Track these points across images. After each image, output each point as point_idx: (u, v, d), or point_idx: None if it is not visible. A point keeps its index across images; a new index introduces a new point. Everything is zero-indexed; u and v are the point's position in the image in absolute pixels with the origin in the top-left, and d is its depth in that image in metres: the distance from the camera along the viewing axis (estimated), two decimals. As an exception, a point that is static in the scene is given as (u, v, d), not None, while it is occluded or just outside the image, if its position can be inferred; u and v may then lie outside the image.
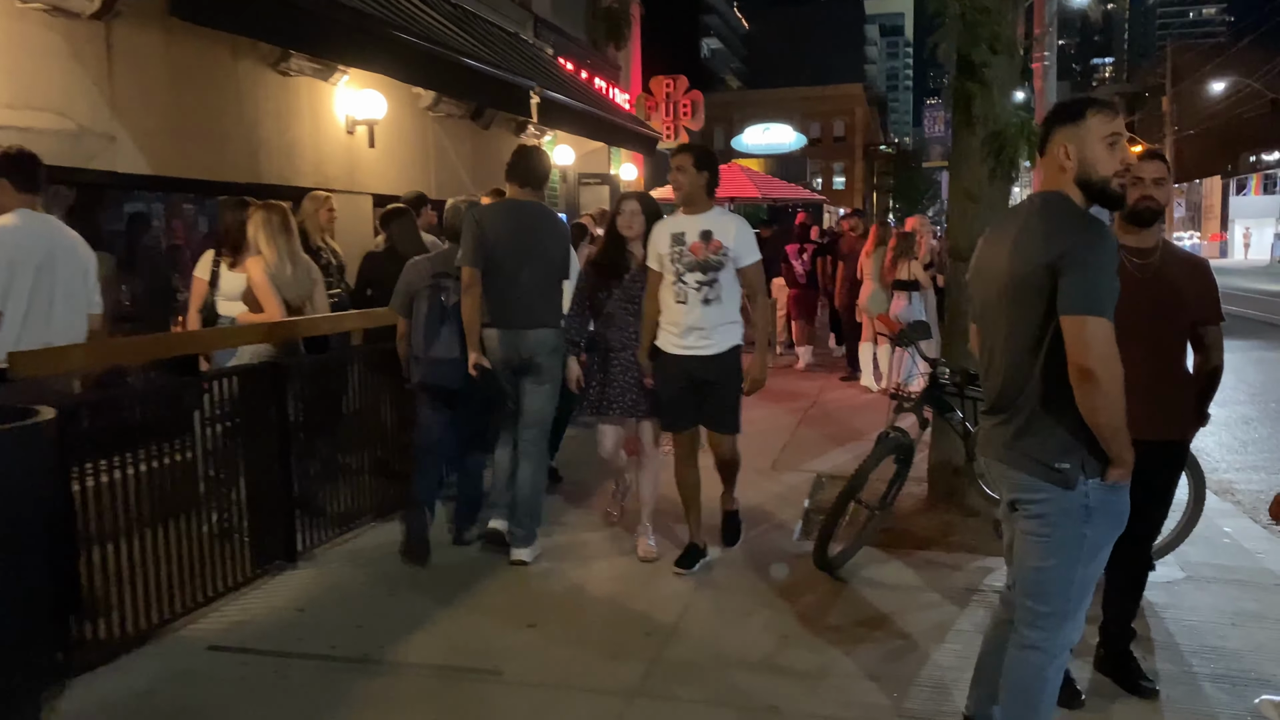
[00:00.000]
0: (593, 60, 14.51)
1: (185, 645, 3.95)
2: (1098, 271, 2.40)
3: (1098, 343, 2.37)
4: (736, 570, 4.77)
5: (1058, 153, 2.56)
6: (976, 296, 2.76)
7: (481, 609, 4.33)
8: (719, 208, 4.67)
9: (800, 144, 35.95)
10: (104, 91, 5.49)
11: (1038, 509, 2.56)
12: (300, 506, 4.99)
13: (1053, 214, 2.53)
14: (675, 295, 4.51)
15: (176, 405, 4.43)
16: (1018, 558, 2.67)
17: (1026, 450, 2.56)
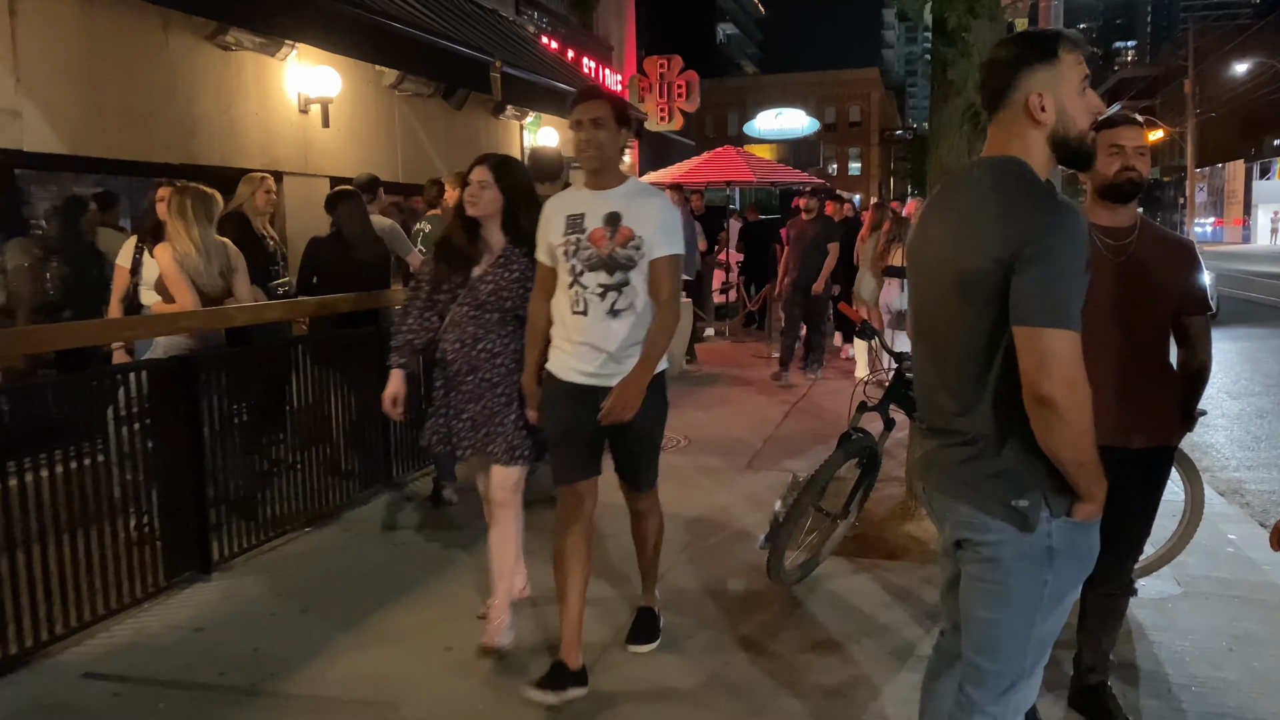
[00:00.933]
0: (582, 40, 14.05)
1: (59, 672, 3.59)
2: (1063, 270, 1.86)
3: (1059, 363, 1.84)
4: (685, 583, 4.35)
5: (1031, 103, 1.99)
6: (914, 290, 2.23)
7: (397, 627, 3.94)
8: (635, 181, 3.39)
9: (813, 129, 35.33)
10: (6, 63, 5.10)
11: (990, 551, 2.05)
12: (238, 512, 4.66)
13: (1010, 191, 1.97)
14: (571, 303, 3.26)
15: (70, 403, 4.05)
16: (964, 606, 2.17)
17: (976, 482, 2.04)
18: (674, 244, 3.27)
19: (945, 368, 2.07)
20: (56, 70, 5.38)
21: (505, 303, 3.55)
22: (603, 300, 3.23)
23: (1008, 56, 2.03)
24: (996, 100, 2.04)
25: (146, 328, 4.43)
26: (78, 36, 5.53)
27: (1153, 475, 3.01)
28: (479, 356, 3.58)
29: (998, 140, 2.06)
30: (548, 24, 13.00)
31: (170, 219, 4.62)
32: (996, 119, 2.05)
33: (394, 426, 5.81)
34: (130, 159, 5.91)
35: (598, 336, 3.25)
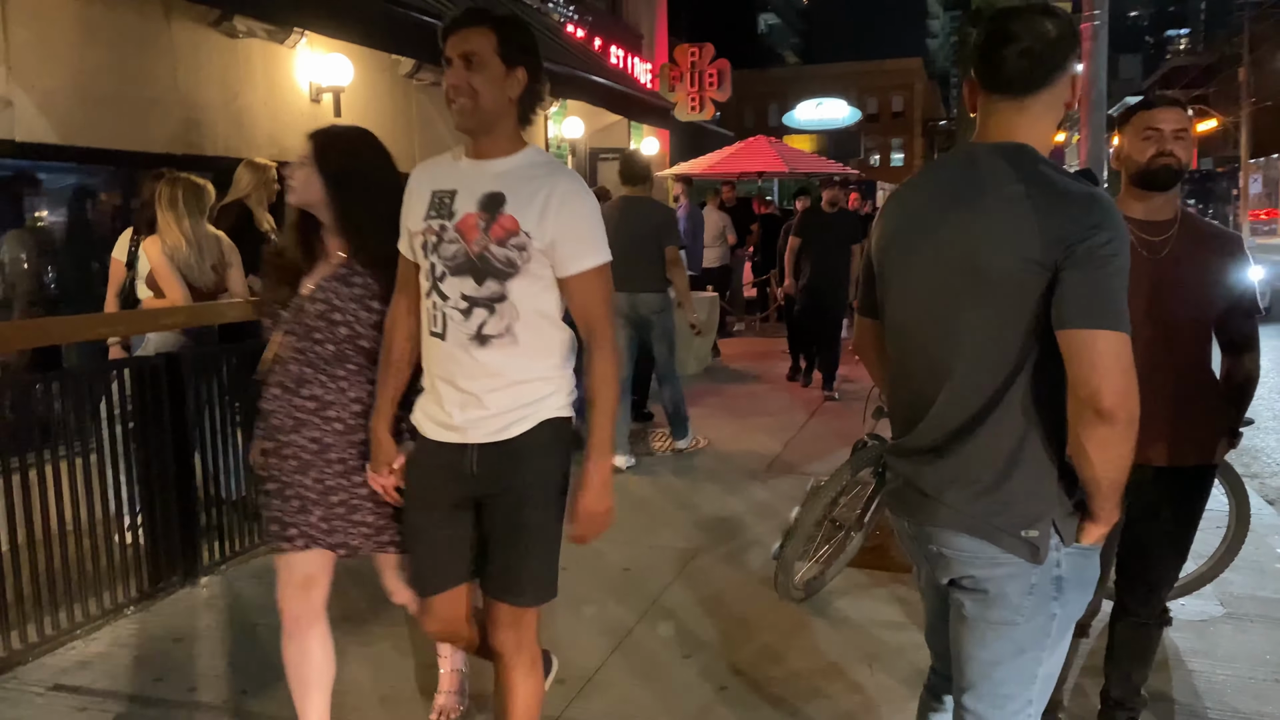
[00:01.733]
0: (610, 28, 13.80)
1: (29, 682, 3.44)
2: (1116, 269, 1.66)
3: (1118, 370, 1.63)
4: (687, 598, 4.12)
5: (1077, 84, 1.83)
6: (898, 292, 1.93)
7: (384, 642, 3.75)
8: (535, 151, 2.32)
9: (854, 119, 35.03)
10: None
11: (996, 589, 1.81)
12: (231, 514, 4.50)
13: (1044, 182, 1.72)
14: (428, 319, 2.29)
15: (45, 402, 3.90)
16: (960, 648, 1.92)
17: (980, 512, 1.79)
18: (596, 249, 2.24)
19: (944, 381, 1.81)
20: (50, 58, 5.25)
21: (339, 329, 2.48)
22: (466, 319, 2.20)
23: (1064, 34, 1.79)
24: (1044, 79, 1.79)
25: (125, 324, 4.28)
26: (73, 23, 5.40)
27: (1190, 495, 2.72)
28: (305, 407, 2.53)
29: (1015, 123, 1.81)
30: (574, 12, 12.77)
31: (160, 211, 4.47)
32: (1027, 100, 1.80)
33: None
34: (128, 149, 5.77)
35: (456, 371, 2.23)
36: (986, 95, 1.83)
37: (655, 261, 6.00)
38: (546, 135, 11.64)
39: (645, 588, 4.19)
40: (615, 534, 4.77)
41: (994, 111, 1.83)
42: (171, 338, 4.50)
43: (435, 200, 2.25)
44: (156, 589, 4.14)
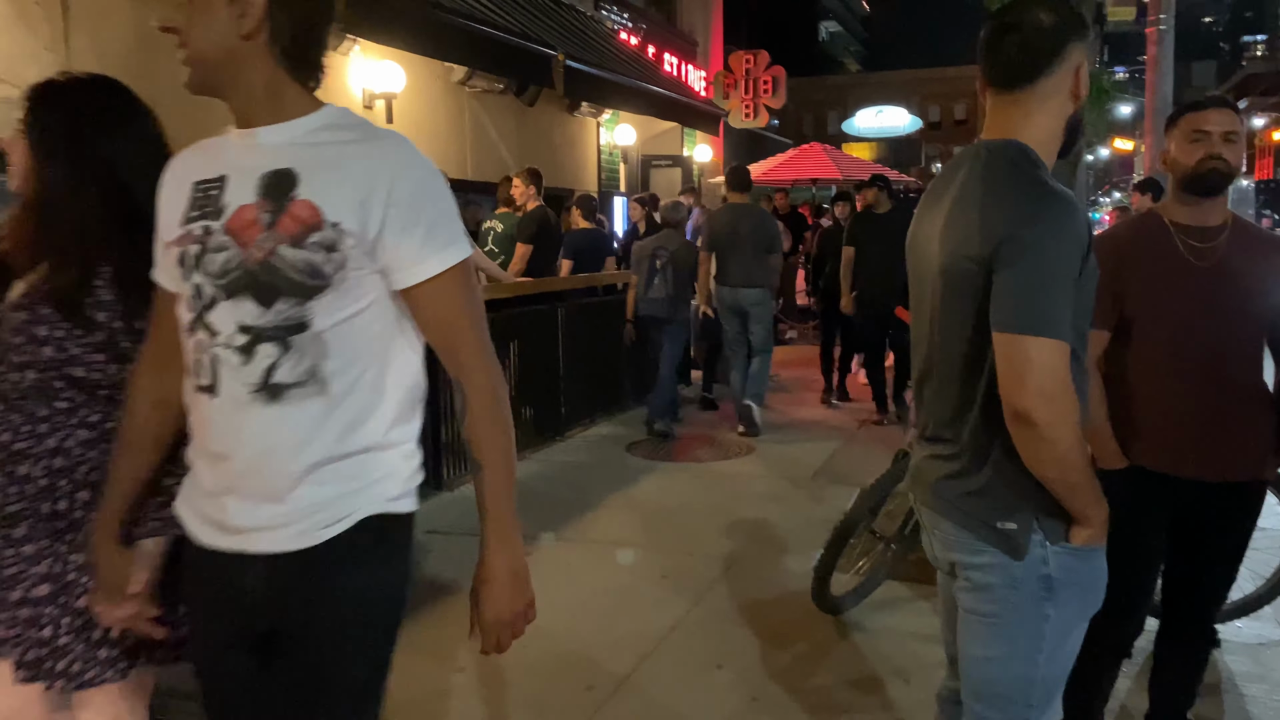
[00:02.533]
0: (664, 36, 13.79)
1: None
2: (1047, 270, 1.63)
3: (1037, 374, 1.61)
4: (725, 604, 4.07)
5: (1074, 79, 1.78)
6: (910, 286, 1.99)
7: (416, 642, 3.75)
8: (337, 112, 1.58)
9: (915, 127, 34.67)
10: (58, 57, 5.11)
11: (980, 578, 1.81)
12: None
13: (998, 179, 1.73)
14: (193, 368, 1.55)
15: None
16: (960, 644, 1.92)
17: (961, 500, 1.81)
18: (452, 241, 1.53)
19: (934, 370, 1.87)
20: (108, 64, 5.36)
21: (43, 350, 1.77)
22: (246, 362, 1.48)
23: (1055, 22, 1.77)
24: (1036, 70, 1.77)
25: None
26: (130, 30, 5.52)
27: (1239, 513, 2.61)
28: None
29: (1012, 118, 1.80)
30: (628, 19, 12.79)
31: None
32: (1023, 92, 1.78)
33: (444, 426, 5.67)
34: (183, 154, 5.89)
35: (233, 443, 1.51)
36: (989, 91, 1.83)
37: (759, 261, 6.92)
38: (599, 142, 11.68)
39: (681, 594, 4.16)
40: (653, 538, 4.79)
41: (993, 107, 1.83)
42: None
43: (198, 195, 1.53)
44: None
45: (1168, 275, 2.49)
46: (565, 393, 7.00)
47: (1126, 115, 34.16)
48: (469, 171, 8.77)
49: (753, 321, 7.07)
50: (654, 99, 10.48)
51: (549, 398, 6.87)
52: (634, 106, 10.39)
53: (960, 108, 58.30)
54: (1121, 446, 2.54)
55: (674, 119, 11.73)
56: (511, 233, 7.15)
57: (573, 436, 7.07)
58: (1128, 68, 49.41)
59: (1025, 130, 1.78)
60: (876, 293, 7.22)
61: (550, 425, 6.85)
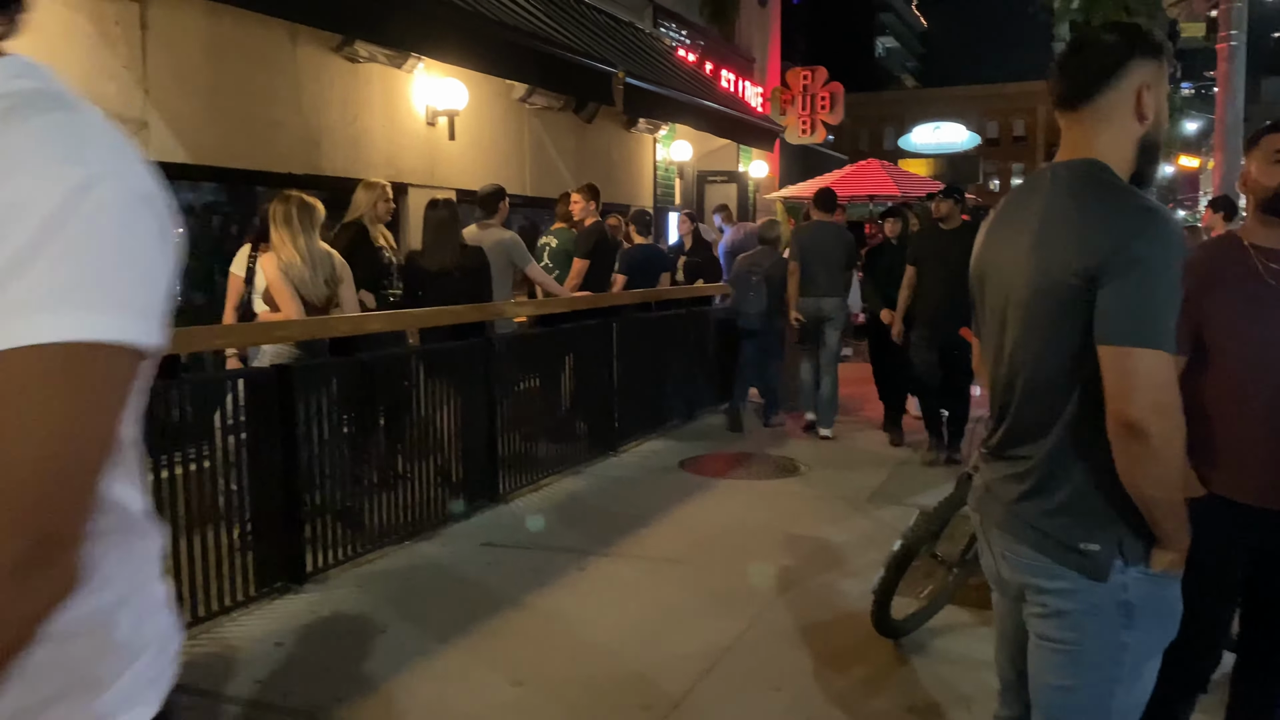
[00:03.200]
0: (722, 52, 13.80)
1: (136, 679, 3.56)
2: (1158, 284, 1.63)
3: (1150, 385, 1.60)
4: (783, 624, 4.03)
5: (1136, 98, 1.76)
6: (982, 302, 1.98)
7: (472, 654, 3.78)
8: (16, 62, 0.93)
9: (973, 143, 34.32)
10: (135, 74, 5.25)
11: (1057, 604, 1.78)
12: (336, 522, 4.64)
13: (1095, 195, 1.72)
14: None
15: (161, 409, 4.07)
16: (1032, 673, 1.88)
17: (1040, 521, 1.78)
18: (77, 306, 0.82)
19: (1014, 389, 1.84)
20: (183, 81, 5.53)
21: None
22: None
23: (1115, 41, 1.79)
24: (1093, 87, 1.78)
25: (239, 336, 4.44)
26: (205, 48, 5.67)
27: (1322, 544, 2.52)
28: None
29: (1080, 136, 1.82)
30: (686, 36, 12.83)
31: (274, 228, 4.64)
32: (1085, 109, 1.80)
33: (502, 439, 5.72)
34: (252, 169, 6.02)
35: None
36: (1058, 112, 1.85)
37: (838, 274, 7.51)
38: (655, 158, 11.71)
39: (737, 613, 4.12)
40: (711, 557, 4.76)
41: (1064, 128, 1.85)
42: (285, 350, 4.65)
43: None
44: (261, 593, 4.26)
45: (1247, 299, 2.43)
46: (619, 407, 7.01)
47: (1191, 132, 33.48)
48: (528, 187, 8.86)
49: (829, 327, 7.60)
50: (711, 115, 10.49)
51: (603, 412, 6.88)
52: (691, 123, 10.40)
53: (1019, 124, 57.68)
54: (1198, 475, 2.47)
55: (731, 136, 11.74)
56: (568, 248, 7.20)
57: (626, 451, 7.07)
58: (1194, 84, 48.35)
59: (1092, 148, 1.79)
60: (940, 318, 6.39)
61: (604, 440, 6.87)
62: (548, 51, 7.30)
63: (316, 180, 6.28)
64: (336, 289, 4.83)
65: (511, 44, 6.94)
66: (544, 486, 6.10)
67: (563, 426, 6.56)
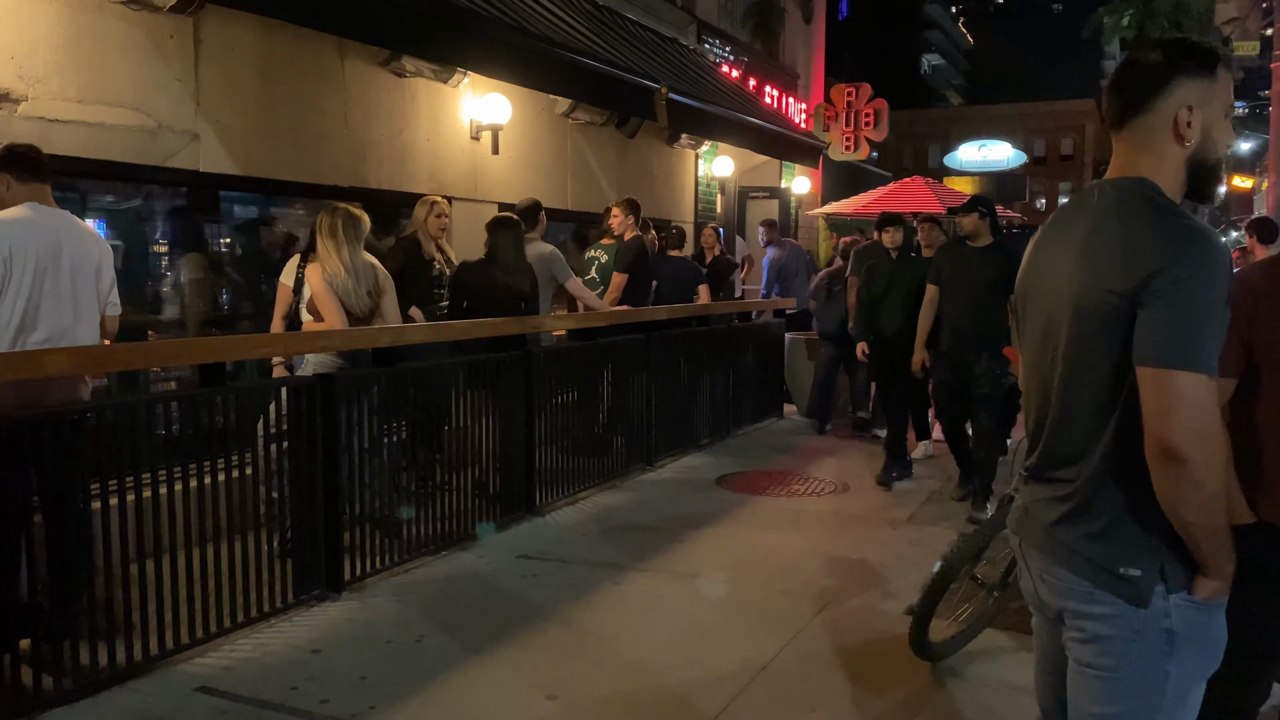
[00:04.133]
0: (766, 68, 13.80)
1: (176, 683, 3.61)
2: (1197, 304, 1.60)
3: (1190, 410, 1.58)
4: (820, 645, 3.99)
5: (1180, 117, 1.74)
6: (1025, 320, 1.96)
7: (507, 666, 3.78)
8: None
9: (1019, 161, 33.91)
10: (188, 87, 5.35)
11: (1096, 629, 1.75)
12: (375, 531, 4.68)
13: (1138, 214, 1.70)
14: None
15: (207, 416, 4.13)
16: (1073, 701, 1.84)
17: (1079, 544, 1.75)
18: None
19: (1055, 410, 1.82)
20: (234, 95, 5.63)
21: None
22: None
23: (1159, 59, 1.77)
24: (1135, 107, 1.78)
25: (284, 345, 4.50)
26: (256, 62, 5.77)
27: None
28: None
29: (1126, 156, 1.81)
30: (730, 52, 12.84)
31: (320, 239, 4.70)
32: (1127, 130, 1.80)
33: (539, 452, 5.73)
34: (300, 180, 6.11)
35: None
36: (1109, 130, 1.85)
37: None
38: (696, 174, 11.72)
39: (773, 632, 4.09)
40: (749, 575, 4.72)
41: (1114, 146, 1.84)
42: (329, 359, 4.71)
43: None
44: (300, 600, 4.30)
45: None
46: (656, 422, 7.00)
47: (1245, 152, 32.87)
48: (569, 202, 8.90)
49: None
50: (753, 131, 10.48)
51: (640, 426, 6.87)
52: (734, 140, 10.40)
53: (1067, 142, 57.06)
54: (1248, 500, 2.41)
55: (773, 153, 11.72)
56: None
57: (663, 466, 7.06)
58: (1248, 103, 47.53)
59: (1140, 168, 1.77)
60: (960, 340, 5.87)
61: (641, 454, 6.86)
62: (591, 67, 7.34)
63: (362, 193, 6.36)
64: (379, 300, 4.87)
65: (555, 59, 6.99)
66: (581, 500, 6.10)
67: (600, 440, 6.57)
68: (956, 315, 5.94)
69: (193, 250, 5.65)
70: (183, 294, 5.62)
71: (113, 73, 5.01)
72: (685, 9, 11.69)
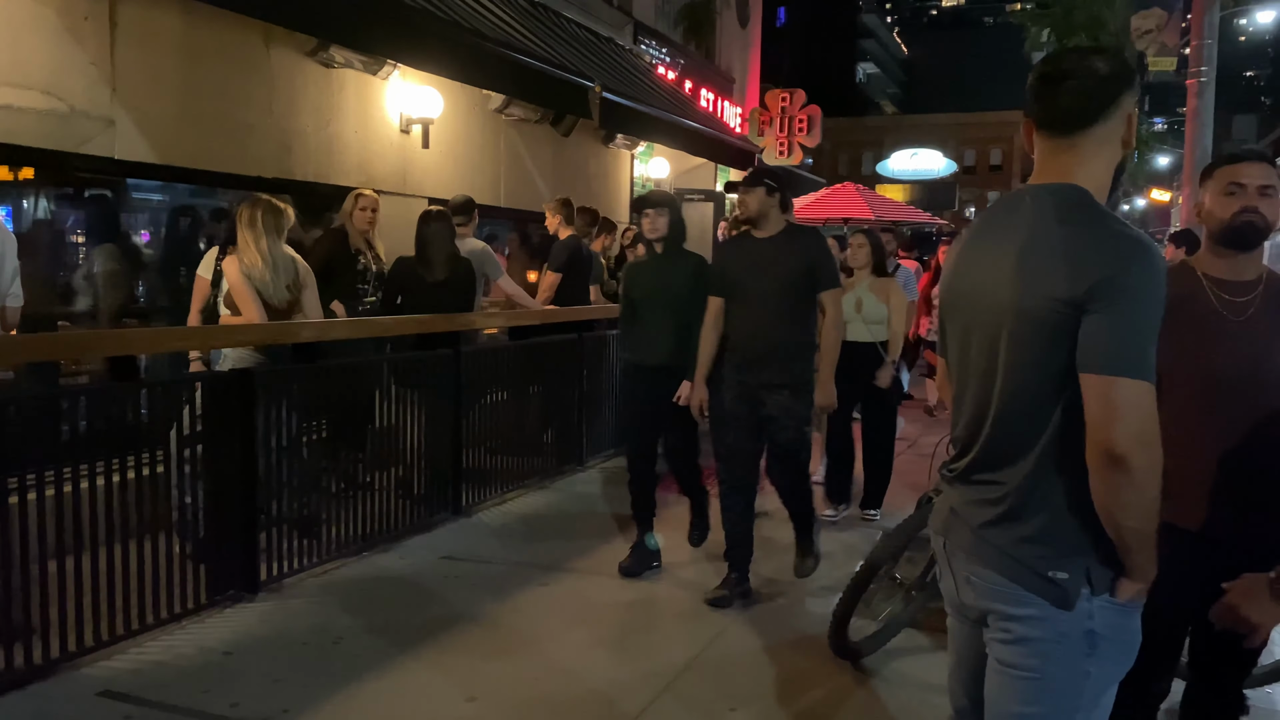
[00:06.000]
0: (702, 71, 13.86)
1: (78, 687, 3.49)
2: (1143, 314, 1.64)
3: (1135, 417, 1.60)
4: (739, 646, 4.00)
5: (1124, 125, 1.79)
6: (951, 323, 1.95)
7: (427, 667, 3.72)
8: None
9: (949, 170, 34.63)
10: (103, 71, 5.18)
11: (1022, 630, 1.76)
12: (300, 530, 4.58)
13: (1081, 222, 1.71)
14: None
15: (118, 411, 3.99)
16: (992, 701, 1.85)
17: (1011, 546, 1.75)
18: None
19: (987, 414, 1.81)
20: (153, 80, 5.46)
21: None
22: None
23: (1111, 71, 1.79)
24: (1091, 117, 1.78)
25: (200, 339, 4.38)
26: (177, 48, 5.60)
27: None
28: None
29: (1064, 163, 1.80)
30: (666, 54, 12.87)
31: (240, 231, 4.58)
32: (1078, 137, 1.79)
33: (467, 452, 5.67)
34: (222, 171, 5.95)
35: None
36: (1039, 135, 1.83)
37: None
38: (632, 174, 11.72)
39: (697, 632, 4.09)
40: (671, 573, 4.71)
41: (1046, 151, 1.82)
42: (247, 355, 4.59)
43: None
44: (214, 601, 4.18)
45: (1201, 329, 2.44)
46: (589, 422, 6.97)
47: (1164, 167, 33.95)
48: (502, 199, 8.84)
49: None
50: (688, 134, 10.51)
51: (571, 427, 6.84)
52: (668, 141, 10.42)
53: (996, 153, 58.27)
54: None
55: (708, 155, 11.76)
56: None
57: (594, 467, 7.03)
58: (1166, 119, 48.94)
59: (1079, 175, 1.78)
60: (754, 356, 4.36)
61: (573, 454, 6.82)
62: (524, 63, 7.28)
63: (288, 185, 6.23)
64: (299, 294, 4.77)
65: (488, 54, 6.91)
66: (509, 500, 6.05)
67: (530, 440, 6.52)
68: (744, 334, 4.34)
69: (107, 240, 5.47)
70: (96, 285, 5.44)
71: (23, 54, 4.82)
72: (622, 9, 11.70)
